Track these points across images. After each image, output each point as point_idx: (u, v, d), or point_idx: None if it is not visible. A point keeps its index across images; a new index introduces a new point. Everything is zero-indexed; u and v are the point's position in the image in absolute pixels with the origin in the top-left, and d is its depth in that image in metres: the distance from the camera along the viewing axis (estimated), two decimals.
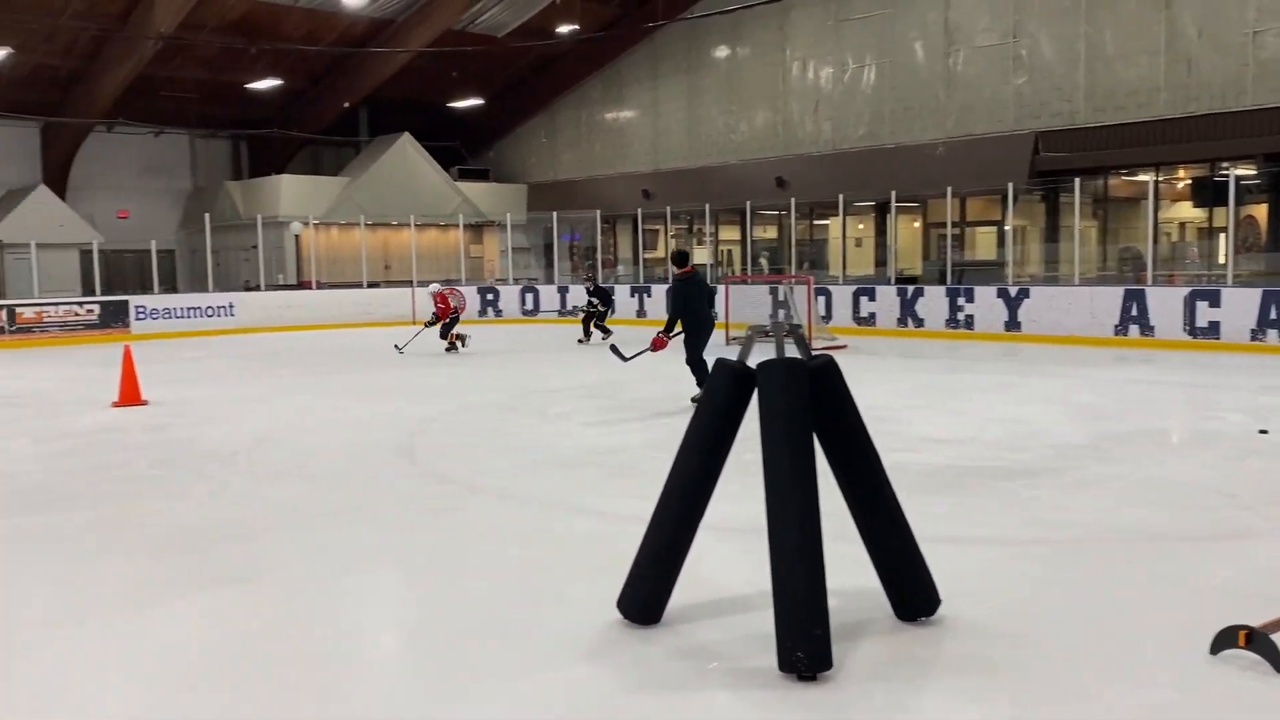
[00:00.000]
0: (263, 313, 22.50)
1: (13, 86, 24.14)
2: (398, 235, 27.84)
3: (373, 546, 5.43)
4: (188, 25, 22.23)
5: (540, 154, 30.52)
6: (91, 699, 3.59)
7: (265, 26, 23.91)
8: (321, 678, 3.72)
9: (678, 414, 9.54)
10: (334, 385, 12.42)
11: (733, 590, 4.54)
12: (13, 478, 7.20)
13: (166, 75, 24.85)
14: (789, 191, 22.58)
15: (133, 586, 4.73)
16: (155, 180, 28.70)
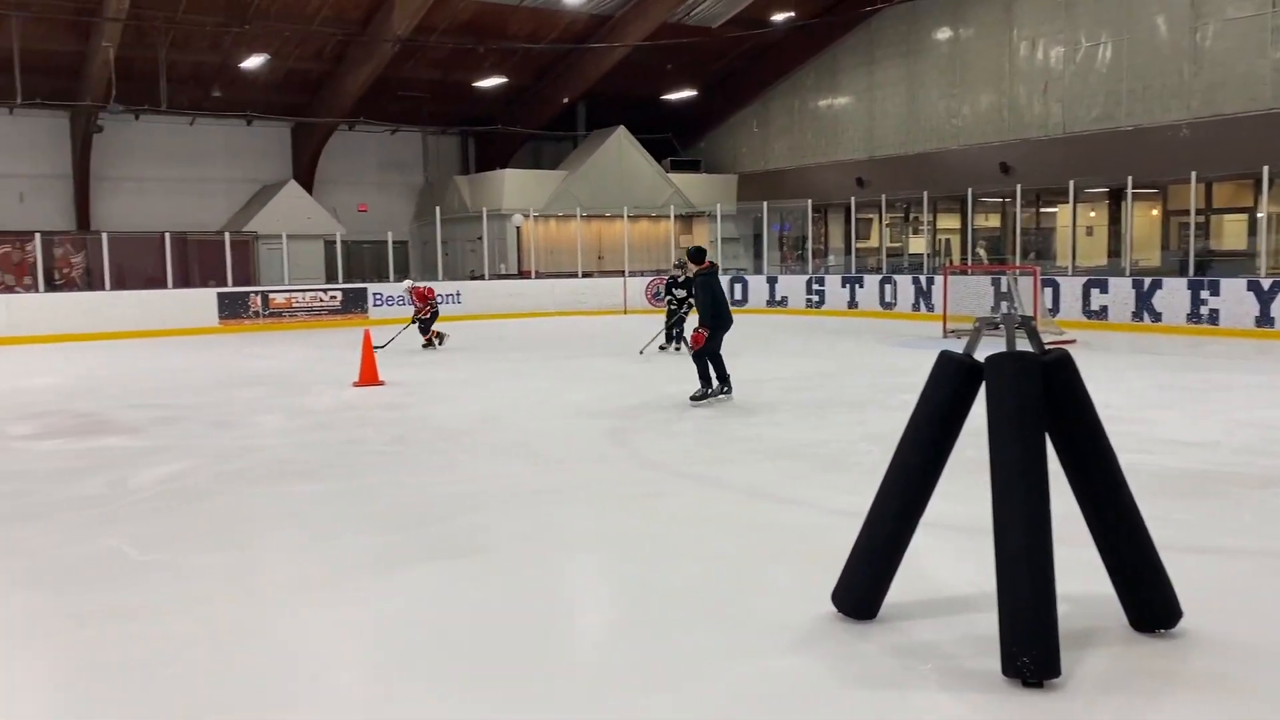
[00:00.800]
0: (487, 300, 23.61)
1: (269, 90, 26.33)
2: (611, 226, 28.50)
3: (589, 527, 5.61)
4: (422, 28, 23.53)
5: (751, 144, 30.43)
6: (340, 657, 3.89)
7: (492, 27, 24.99)
8: (541, 652, 3.88)
9: (887, 408, 9.33)
10: (551, 370, 12.88)
11: (952, 589, 4.41)
12: (266, 450, 7.88)
13: (402, 76, 26.40)
14: (1014, 178, 21.54)
15: (373, 554, 5.09)
16: (391, 175, 30.61)
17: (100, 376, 13.05)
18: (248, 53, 23.95)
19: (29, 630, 4.17)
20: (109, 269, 20.78)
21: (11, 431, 8.86)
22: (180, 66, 24.18)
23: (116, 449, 7.97)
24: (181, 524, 5.70)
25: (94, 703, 3.45)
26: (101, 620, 4.20)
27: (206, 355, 15.71)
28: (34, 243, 21.13)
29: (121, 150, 26.22)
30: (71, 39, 22.70)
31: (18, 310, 19.15)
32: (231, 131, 27.74)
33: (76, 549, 5.23)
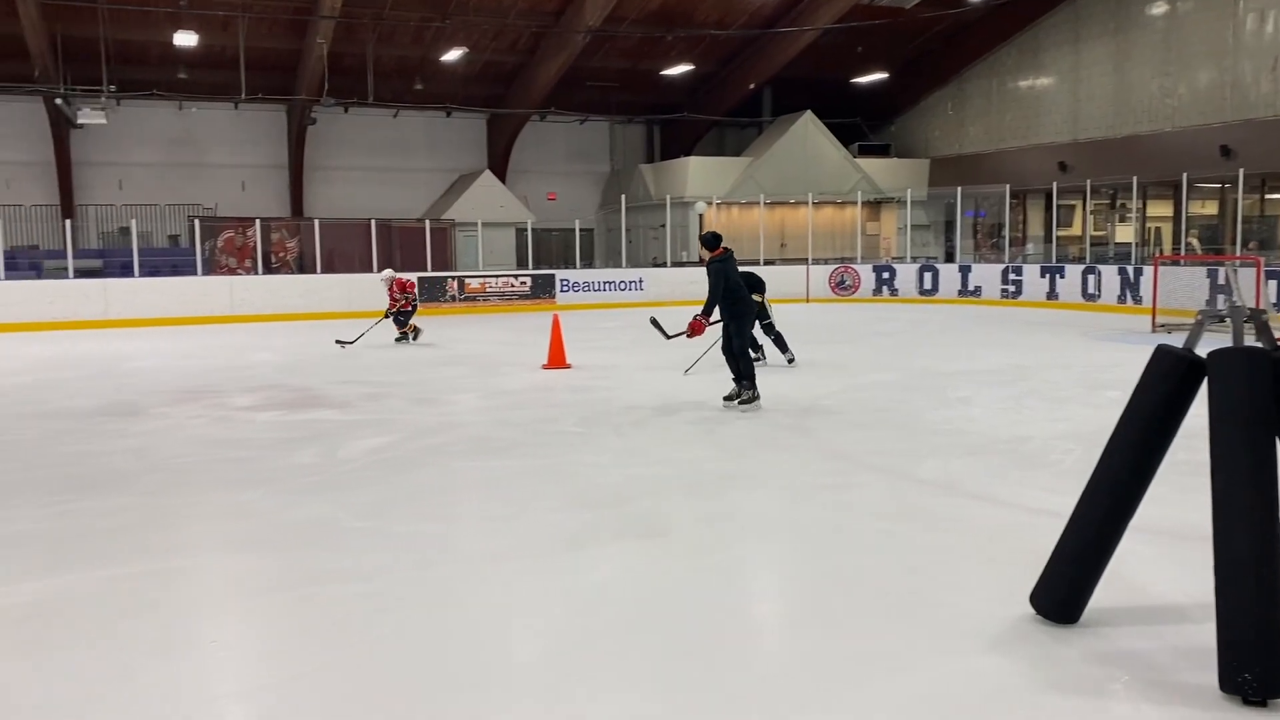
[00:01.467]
0: (668, 287, 23.81)
1: (467, 83, 27.39)
2: (794, 213, 28.20)
3: (774, 515, 5.60)
4: (612, 18, 23.91)
5: (945, 127, 29.44)
6: (531, 628, 4.04)
7: (680, 14, 25.12)
8: (725, 639, 3.91)
9: (1090, 405, 8.87)
10: None
11: (1163, 597, 4.16)
12: (464, 427, 8.24)
13: (592, 66, 26.92)
14: (1236, 161, 19.96)
15: (566, 531, 5.26)
16: (579, 164, 31.31)
17: (311, 354, 13.97)
18: (447, 46, 24.98)
19: (253, 587, 4.53)
20: (320, 253, 22.17)
21: (236, 403, 9.61)
22: (385, 61, 25.50)
23: (328, 421, 8.52)
24: (389, 493, 6.05)
25: (309, 658, 3.72)
26: (318, 581, 4.52)
27: None
28: (254, 228, 22.79)
29: (332, 141, 27.89)
30: (289, 37, 24.30)
31: (240, 291, 20.70)
32: (431, 123, 29.03)
33: (295, 513, 5.64)
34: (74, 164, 25.94)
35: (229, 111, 26.76)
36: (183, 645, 3.84)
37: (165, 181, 26.56)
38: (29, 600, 4.28)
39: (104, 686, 3.46)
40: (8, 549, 5.01)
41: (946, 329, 16.66)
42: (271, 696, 3.42)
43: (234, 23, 22.72)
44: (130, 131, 25.96)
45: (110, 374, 11.99)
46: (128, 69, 23.94)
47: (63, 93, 22.65)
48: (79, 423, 8.59)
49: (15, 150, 25.45)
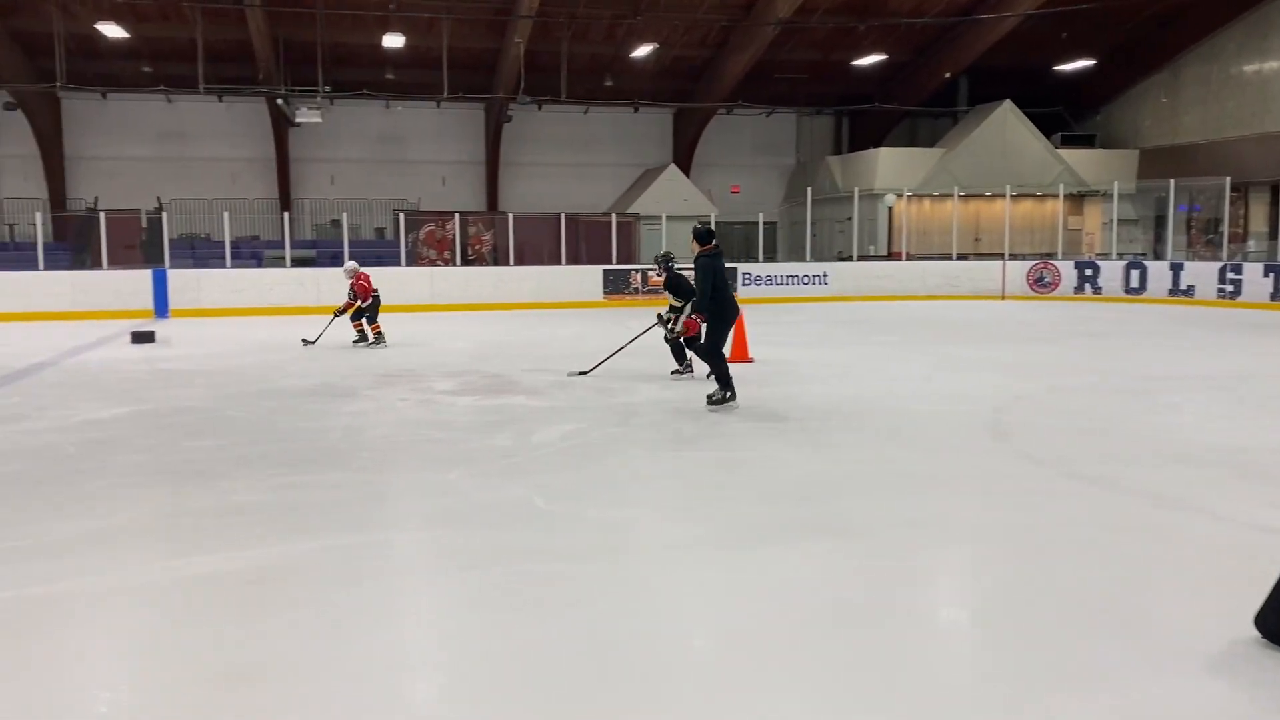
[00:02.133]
0: (854, 282, 23.40)
1: (655, 78, 27.72)
2: (990, 206, 27.14)
3: (971, 519, 5.44)
4: (803, 10, 23.65)
5: (1158, 115, 27.64)
6: (712, 619, 4.08)
7: (874, 3, 24.58)
8: (905, 645, 3.83)
9: None
10: (924, 355, 12.55)
11: None
12: (648, 416, 8.37)
13: (780, 59, 26.72)
14: None
15: (756, 524, 5.28)
16: (763, 157, 31.16)
17: (505, 342, 14.51)
18: (638, 42, 25.34)
19: (453, 562, 4.77)
20: (512, 246, 22.97)
21: (437, 387, 10.10)
22: (578, 58, 26.11)
23: (521, 407, 8.84)
24: (580, 478, 6.24)
25: (506, 630, 3.88)
26: (515, 559, 4.71)
27: (593, 326, 16.94)
28: (453, 222, 23.82)
29: (525, 137, 28.81)
30: (489, 37, 25.25)
31: (440, 282, 21.71)
32: (619, 118, 29.54)
33: (493, 494, 5.89)
34: (291, 160, 27.84)
35: (431, 110, 28.06)
36: (391, 614, 4.09)
37: (372, 177, 28.14)
38: (254, 565, 4.65)
39: (316, 648, 3.73)
40: (237, 517, 5.46)
41: (1155, 330, 15.67)
42: (466, 667, 3.60)
43: (438, 24, 23.80)
44: (342, 129, 27.64)
45: (323, 357, 12.82)
46: (340, 70, 25.49)
47: (283, 94, 24.33)
48: (297, 402, 9.24)
49: (241, 148, 27.57)
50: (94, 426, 8.06)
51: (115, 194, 25.75)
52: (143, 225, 23.92)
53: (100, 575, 4.52)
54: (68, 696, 3.40)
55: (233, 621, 3.97)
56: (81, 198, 26.46)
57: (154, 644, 3.80)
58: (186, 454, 7.02)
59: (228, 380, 10.70)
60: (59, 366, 12.05)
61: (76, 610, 4.13)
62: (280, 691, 3.39)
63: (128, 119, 27.00)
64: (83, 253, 22.88)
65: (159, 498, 5.88)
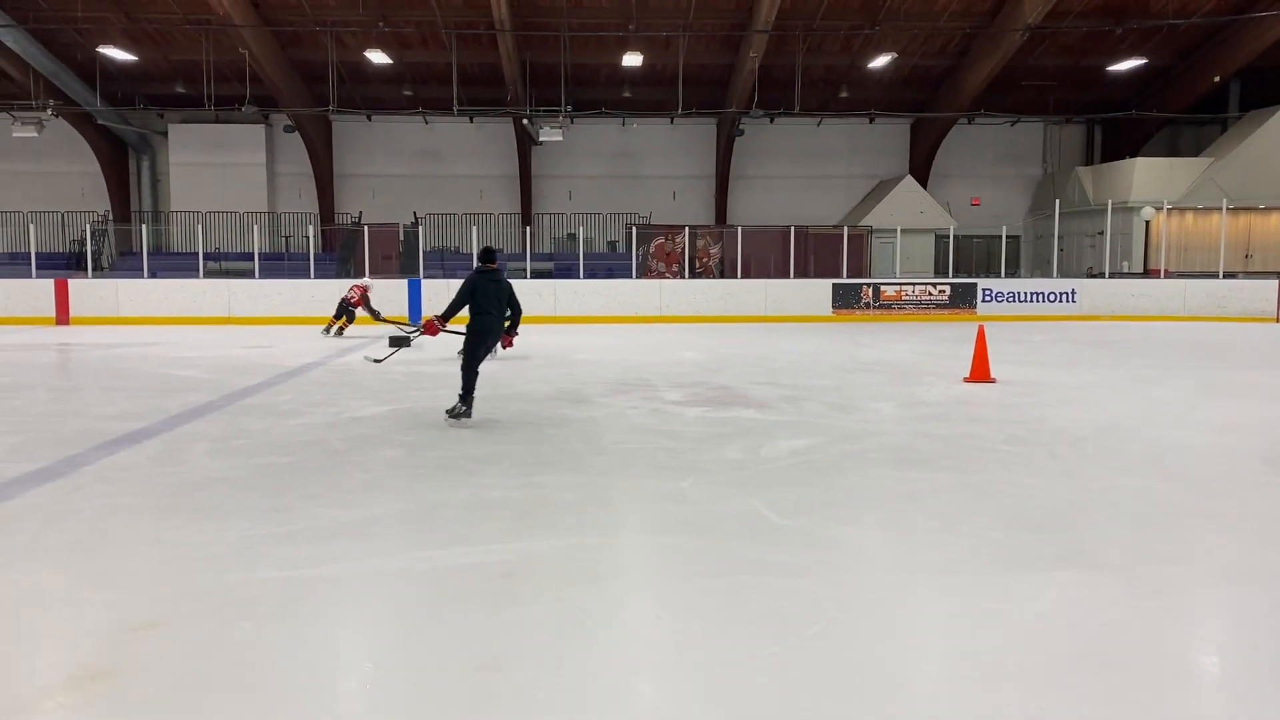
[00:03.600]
0: (1105, 300, 22.00)
1: (891, 88, 27.12)
2: (1264, 220, 24.83)
3: (1234, 559, 4.97)
4: (1054, 14, 22.52)
5: None
6: (954, 649, 3.91)
7: (1134, 4, 23.09)
8: (1157, 693, 3.54)
9: None
10: (1186, 380, 11.61)
11: None
12: (884, 435, 8.17)
13: (1027, 65, 25.53)
14: None
15: (996, 551, 5.04)
16: (1007, 168, 29.83)
17: (732, 354, 14.57)
18: (875, 53, 24.89)
19: (689, 569, 4.81)
20: (740, 258, 23.06)
21: (667, 397, 10.27)
22: (812, 70, 25.95)
23: (750, 420, 8.84)
24: (811, 495, 6.16)
25: (740, 642, 3.88)
26: (747, 571, 4.71)
27: (822, 341, 16.73)
28: (682, 235, 24.20)
29: (756, 151, 28.90)
30: (724, 52, 25.52)
31: (668, 294, 22.10)
32: (853, 129, 29.11)
33: (724, 505, 5.91)
34: (533, 177, 29.18)
35: (664, 126, 28.66)
36: (641, 613, 4.19)
37: (607, 192, 29.05)
38: (500, 560, 4.88)
39: (551, 642, 3.86)
40: (482, 513, 5.74)
41: None
42: (705, 675, 3.62)
43: (675, 42, 24.29)
44: (579, 146, 28.70)
45: (559, 364, 13.34)
46: (581, 90, 26.48)
47: (528, 114, 25.54)
48: (538, 406, 9.65)
49: (489, 165, 29.16)
50: (358, 423, 8.72)
51: (377, 209, 27.90)
52: (400, 238, 25.74)
53: (364, 561, 4.88)
54: (329, 671, 3.69)
55: (482, 611, 4.18)
56: (348, 212, 28.79)
57: (405, 631, 4.06)
58: (441, 450, 7.47)
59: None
60: (326, 366, 13.14)
61: (335, 594, 4.47)
62: (518, 683, 3.54)
63: (389, 139, 29.16)
64: (348, 263, 24.89)
65: (417, 491, 6.28)
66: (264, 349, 15.49)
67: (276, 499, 6.07)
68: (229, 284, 21.59)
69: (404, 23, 23.84)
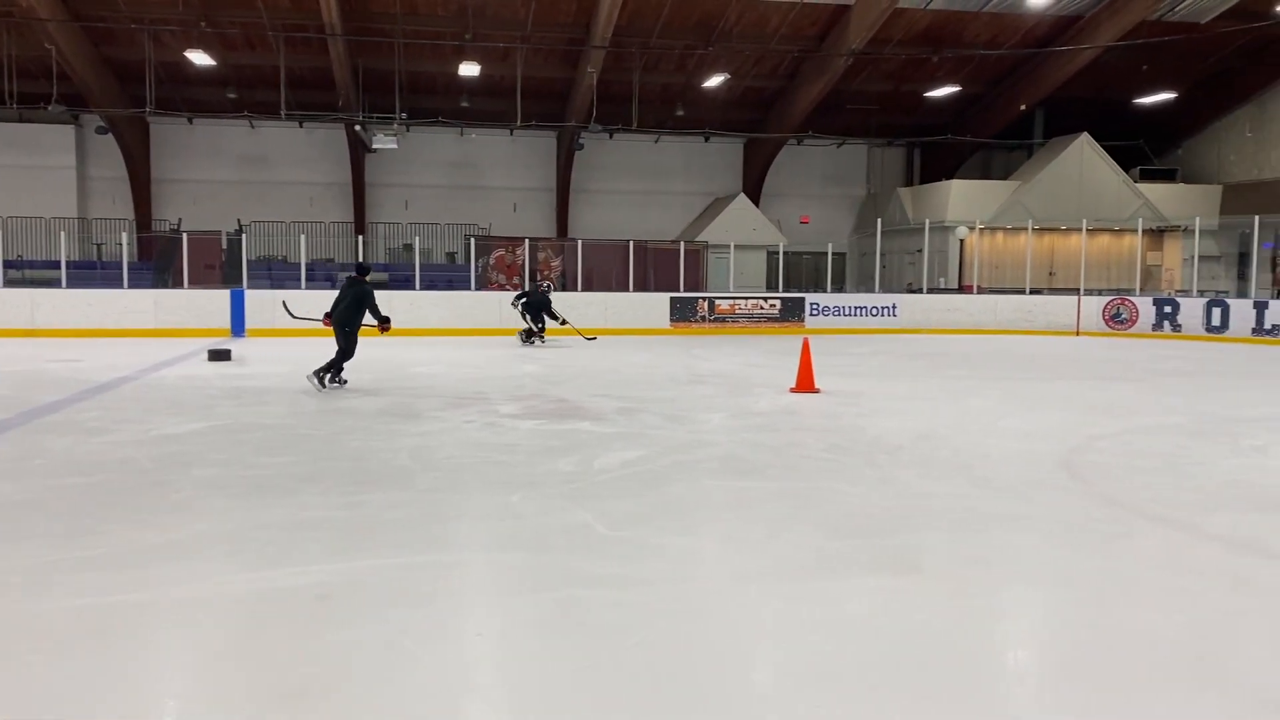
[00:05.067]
0: (923, 314, 23.10)
1: (726, 107, 27.83)
2: (1065, 241, 26.68)
3: (1040, 560, 5.29)
4: (876, 40, 23.59)
5: (1241, 150, 26.98)
6: (774, 653, 4.01)
7: (949, 34, 24.42)
8: (970, 689, 3.72)
9: None
10: (995, 391, 12.32)
11: None
12: (714, 445, 8.33)
13: (852, 89, 26.67)
14: None
15: (815, 557, 5.20)
16: (834, 188, 31.05)
17: (571, 367, 14.58)
18: (709, 73, 25.48)
19: (513, 584, 4.77)
20: (581, 272, 23.13)
21: (502, 410, 10.17)
22: (650, 88, 26.34)
23: (585, 432, 8.85)
24: (642, 505, 6.20)
25: (563, 655, 3.86)
26: (575, 584, 4.69)
27: (659, 354, 16.95)
28: (523, 247, 24.10)
29: (596, 165, 29.11)
30: (562, 67, 25.61)
31: (509, 307, 21.90)
32: (690, 147, 29.70)
33: (555, 518, 5.89)
34: (367, 185, 28.48)
35: (504, 137, 28.50)
36: (452, 634, 4.10)
37: (445, 202, 28.65)
38: (317, 582, 4.70)
39: (380, 667, 3.75)
40: (302, 533, 5.53)
41: (1238, 371, 15.19)
42: (531, 689, 3.58)
43: (513, 54, 24.21)
44: (417, 155, 28.21)
45: (392, 378, 13.02)
46: (417, 98, 26.04)
47: (361, 120, 24.92)
48: (365, 421, 9.38)
49: (320, 172, 28.28)
50: (170, 441, 8.26)
51: (198, 216, 26.59)
52: (223, 246, 24.63)
53: (173, 586, 4.61)
54: (132, 704, 3.47)
55: (297, 636, 4.01)
56: (166, 219, 27.36)
57: (219, 656, 3.86)
58: (258, 469, 7.15)
59: (300, 398, 10.90)
60: (139, 382, 12.41)
61: (149, 620, 4.21)
62: (334, 709, 3.41)
63: (212, 143, 27.90)
64: (165, 272, 23.63)
65: (231, 511, 5.99)
66: (71, 362, 14.50)
67: (76, 521, 5.68)
68: (32, 293, 20.14)
69: (227, 24, 22.89)
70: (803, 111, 26.85)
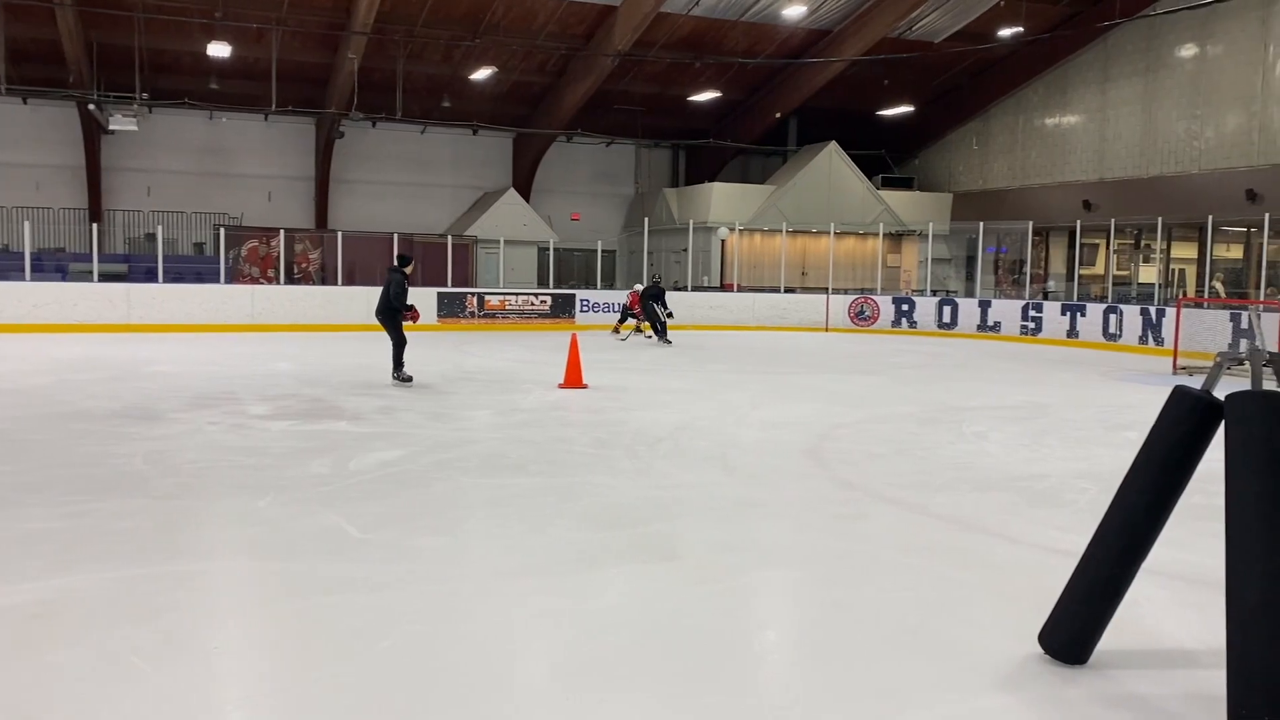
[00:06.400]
0: (688, 311, 23.78)
1: (495, 101, 27.63)
2: (816, 243, 28.24)
3: (786, 543, 5.58)
4: (641, 43, 24.09)
5: (969, 162, 29.46)
6: (537, 647, 4.02)
7: (710, 41, 25.28)
8: (731, 666, 3.88)
9: (1108, 444, 8.81)
10: (751, 384, 12.87)
11: (1172, 641, 4.11)
12: (477, 443, 8.26)
13: (619, 90, 27.11)
14: (1261, 206, 19.87)
15: (577, 551, 5.25)
16: (604, 186, 31.47)
17: (330, 365, 14.04)
18: (476, 65, 25.20)
19: (262, 594, 4.54)
20: (341, 265, 22.32)
21: (252, 411, 9.66)
22: (415, 78, 25.74)
23: (341, 433, 8.55)
24: (400, 507, 6.06)
25: (314, 667, 3.71)
26: (324, 590, 4.52)
27: (425, 351, 16.59)
28: (278, 239, 22.98)
29: (359, 155, 28.14)
30: (321, 51, 24.59)
31: (261, 300, 20.84)
32: (458, 140, 29.26)
33: (305, 523, 5.65)
34: (104, 169, 26.26)
35: (259, 123, 27.05)
36: (187, 650, 3.84)
37: (193, 190, 26.86)
38: (34, 599, 4.29)
39: (104, 688, 3.47)
40: (19, 548, 5.04)
41: (965, 364, 16.60)
42: (273, 704, 3.42)
43: (267, 35, 23.02)
44: (161, 139, 26.29)
45: (131, 378, 12.08)
46: (161, 77, 24.28)
47: (95, 98, 22.96)
48: (98, 425, 8.65)
49: (47, 154, 25.80)
50: None
51: None
52: None
53: None
54: None
55: (7, 659, 3.64)
56: None
57: None
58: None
59: (23, 401, 9.95)
60: None
61: None
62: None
63: None
64: None
65: None
66: None
67: None
68: None
69: None
70: (572, 109, 27.06)
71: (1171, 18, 22.27)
